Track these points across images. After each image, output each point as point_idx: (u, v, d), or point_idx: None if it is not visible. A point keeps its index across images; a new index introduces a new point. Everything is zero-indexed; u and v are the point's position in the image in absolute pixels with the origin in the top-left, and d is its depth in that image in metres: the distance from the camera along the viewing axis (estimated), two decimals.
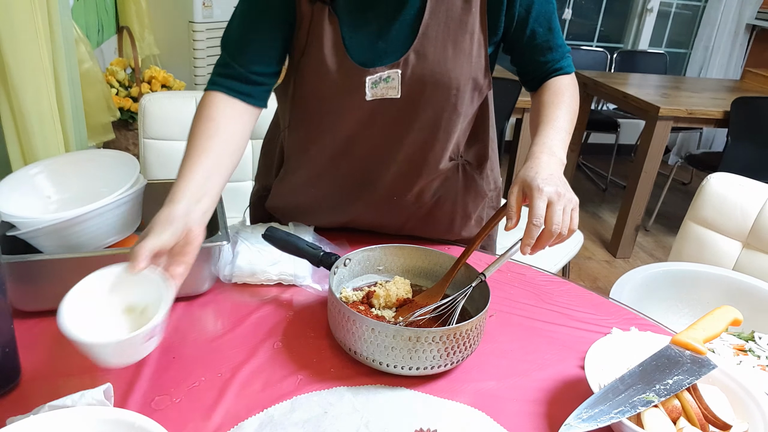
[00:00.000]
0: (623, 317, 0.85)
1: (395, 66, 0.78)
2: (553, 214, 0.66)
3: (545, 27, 0.84)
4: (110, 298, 0.61)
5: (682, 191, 3.65)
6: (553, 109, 0.82)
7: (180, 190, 0.68)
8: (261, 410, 0.62)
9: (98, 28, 2.24)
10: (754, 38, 3.90)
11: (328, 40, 0.78)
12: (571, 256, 1.76)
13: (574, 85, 0.88)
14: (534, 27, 0.83)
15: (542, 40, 0.85)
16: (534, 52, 0.86)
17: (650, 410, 0.60)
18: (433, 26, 0.78)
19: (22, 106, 1.08)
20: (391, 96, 0.80)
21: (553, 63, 0.87)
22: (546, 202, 0.67)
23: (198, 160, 0.71)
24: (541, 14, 0.83)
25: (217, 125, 0.75)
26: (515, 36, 0.84)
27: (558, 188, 0.68)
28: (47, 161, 0.87)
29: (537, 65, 0.87)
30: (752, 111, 2.49)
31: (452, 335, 0.65)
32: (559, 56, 0.87)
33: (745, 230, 1.26)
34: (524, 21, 0.83)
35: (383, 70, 0.78)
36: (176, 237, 0.63)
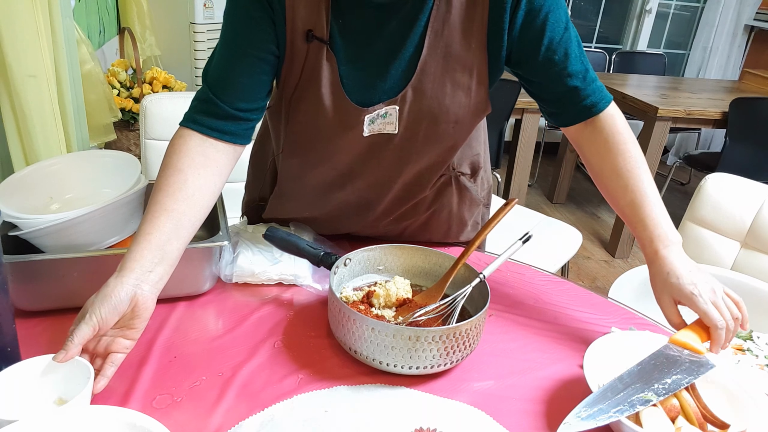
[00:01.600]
0: (622, 317, 0.85)
1: (393, 102, 0.77)
2: (724, 312, 0.69)
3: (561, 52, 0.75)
4: (42, 388, 0.59)
5: (681, 191, 3.66)
6: (636, 178, 0.76)
7: (132, 258, 0.63)
8: (262, 409, 0.62)
9: (100, 29, 2.24)
10: (752, 39, 3.90)
11: (325, 80, 0.75)
12: (570, 255, 1.76)
13: (624, 122, 0.79)
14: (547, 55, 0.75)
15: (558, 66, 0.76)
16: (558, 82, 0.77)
17: (649, 409, 0.61)
18: (431, 63, 0.75)
19: (24, 106, 1.08)
20: (388, 131, 0.79)
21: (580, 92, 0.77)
22: (711, 304, 0.69)
23: (157, 222, 0.65)
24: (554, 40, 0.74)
25: (185, 179, 0.68)
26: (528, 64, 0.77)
27: (707, 283, 0.70)
28: (49, 161, 0.87)
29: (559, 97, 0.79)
30: (750, 112, 2.50)
31: (452, 335, 0.65)
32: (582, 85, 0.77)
33: (743, 230, 1.26)
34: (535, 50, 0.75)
35: (381, 107, 0.77)
36: (120, 314, 0.61)
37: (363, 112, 0.77)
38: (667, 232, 0.74)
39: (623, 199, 0.77)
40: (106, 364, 0.62)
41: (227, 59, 0.74)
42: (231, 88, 0.73)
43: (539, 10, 0.73)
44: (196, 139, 0.71)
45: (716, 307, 0.69)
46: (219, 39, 0.75)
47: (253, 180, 1.05)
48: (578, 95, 0.78)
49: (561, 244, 1.79)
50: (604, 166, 0.78)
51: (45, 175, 0.84)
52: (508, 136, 2.84)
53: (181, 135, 0.72)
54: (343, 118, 0.77)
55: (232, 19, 0.74)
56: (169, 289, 0.77)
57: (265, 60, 0.74)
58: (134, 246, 0.64)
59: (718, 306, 0.69)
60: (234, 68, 0.73)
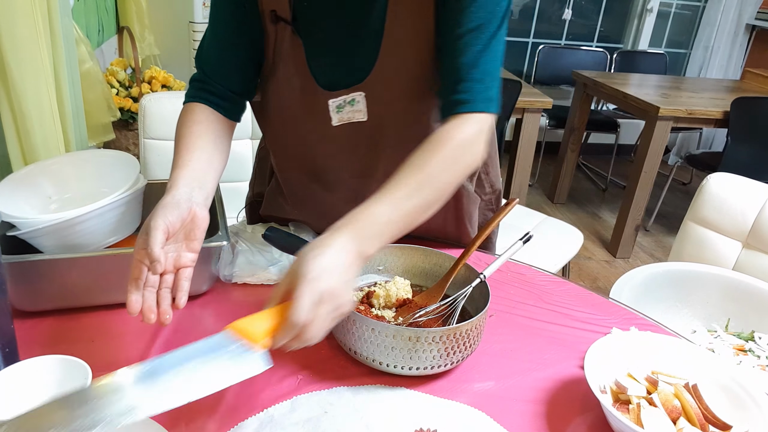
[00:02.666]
0: (623, 317, 0.85)
1: (359, 88, 0.75)
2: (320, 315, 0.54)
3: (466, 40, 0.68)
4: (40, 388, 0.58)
5: (682, 191, 3.66)
6: (407, 174, 0.64)
7: (180, 176, 0.66)
8: (261, 410, 0.62)
9: (98, 28, 2.24)
10: (753, 38, 3.90)
11: (291, 61, 0.76)
12: (571, 256, 1.76)
13: (471, 137, 0.67)
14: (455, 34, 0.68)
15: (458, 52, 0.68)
16: (447, 64, 0.70)
17: (650, 410, 0.61)
18: (393, 45, 0.72)
19: (22, 106, 1.08)
20: (358, 119, 0.78)
21: (459, 84, 0.68)
22: (315, 300, 0.53)
23: (194, 153, 0.70)
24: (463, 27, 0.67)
25: (206, 127, 0.74)
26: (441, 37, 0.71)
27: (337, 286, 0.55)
28: (47, 161, 0.87)
29: (444, 81, 0.71)
30: (752, 111, 2.49)
31: (452, 335, 0.65)
32: (468, 80, 0.68)
33: (745, 230, 1.26)
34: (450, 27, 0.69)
35: (347, 92, 0.76)
36: (182, 219, 0.62)
37: (328, 96, 0.76)
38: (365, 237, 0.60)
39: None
40: (181, 280, 0.62)
41: (214, 43, 0.77)
42: (220, 71, 0.77)
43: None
44: (203, 106, 0.76)
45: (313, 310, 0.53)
46: (208, 21, 0.78)
47: (257, 174, 1.05)
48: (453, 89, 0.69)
49: (562, 244, 1.79)
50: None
51: (43, 175, 0.84)
52: (509, 136, 2.84)
53: (189, 106, 0.77)
54: (310, 103, 0.78)
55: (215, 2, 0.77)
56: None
57: (248, 42, 0.76)
58: (177, 170, 0.67)
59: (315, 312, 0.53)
60: (221, 52, 0.77)
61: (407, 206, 0.63)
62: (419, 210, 0.64)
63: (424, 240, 0.98)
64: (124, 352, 0.69)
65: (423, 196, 0.64)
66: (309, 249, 0.57)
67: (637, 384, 0.65)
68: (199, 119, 0.74)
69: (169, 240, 0.61)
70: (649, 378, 0.66)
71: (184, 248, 0.63)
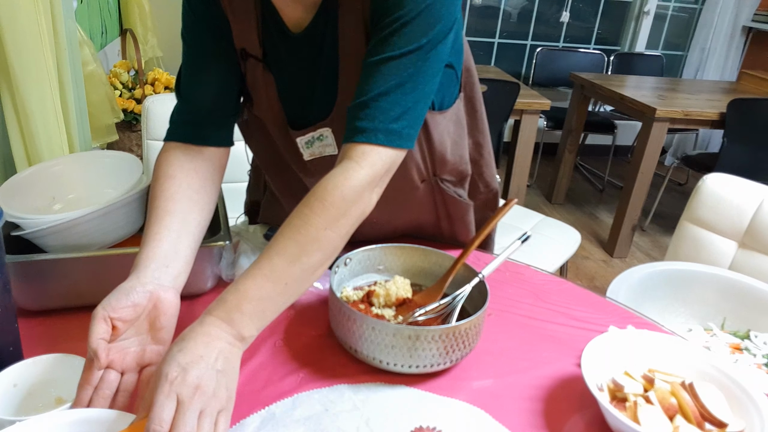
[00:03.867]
0: (620, 316, 0.85)
1: (325, 124, 0.75)
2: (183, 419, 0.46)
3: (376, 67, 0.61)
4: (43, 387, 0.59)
5: (679, 192, 3.67)
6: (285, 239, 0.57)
7: (143, 257, 0.59)
8: (263, 407, 0.62)
9: (102, 30, 2.25)
10: (750, 40, 3.91)
11: (264, 97, 0.77)
12: (569, 255, 1.77)
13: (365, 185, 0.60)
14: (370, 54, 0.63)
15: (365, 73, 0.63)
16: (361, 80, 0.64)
17: (646, 407, 0.61)
18: (348, 75, 0.70)
19: (26, 107, 1.08)
20: (329, 153, 0.78)
21: (364, 113, 0.61)
22: (174, 399, 0.47)
23: (162, 222, 0.62)
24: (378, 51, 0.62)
25: (179, 183, 0.67)
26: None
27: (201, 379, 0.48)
28: (51, 162, 0.87)
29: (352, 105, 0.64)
30: (748, 112, 2.51)
31: (451, 334, 0.66)
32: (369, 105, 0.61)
33: (741, 230, 1.27)
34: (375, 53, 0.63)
35: (313, 129, 0.76)
36: (136, 306, 0.55)
37: (294, 134, 0.77)
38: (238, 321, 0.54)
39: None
40: (142, 382, 0.55)
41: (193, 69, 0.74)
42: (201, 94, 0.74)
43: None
44: (181, 148, 0.71)
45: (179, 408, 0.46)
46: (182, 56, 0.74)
47: (252, 182, 1.06)
48: (351, 117, 0.63)
49: (560, 244, 1.80)
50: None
51: (47, 176, 0.84)
52: (507, 137, 2.85)
53: (165, 149, 0.72)
54: (284, 138, 0.79)
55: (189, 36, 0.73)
56: None
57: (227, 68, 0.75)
58: (145, 248, 0.61)
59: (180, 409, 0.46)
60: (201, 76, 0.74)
61: (288, 275, 0.56)
62: (304, 275, 0.58)
63: (423, 240, 0.99)
64: None
65: (306, 261, 0.57)
66: (174, 344, 0.51)
67: (633, 382, 0.66)
68: (172, 173, 0.67)
69: (127, 332, 0.55)
70: (645, 376, 0.66)
71: (149, 341, 0.56)
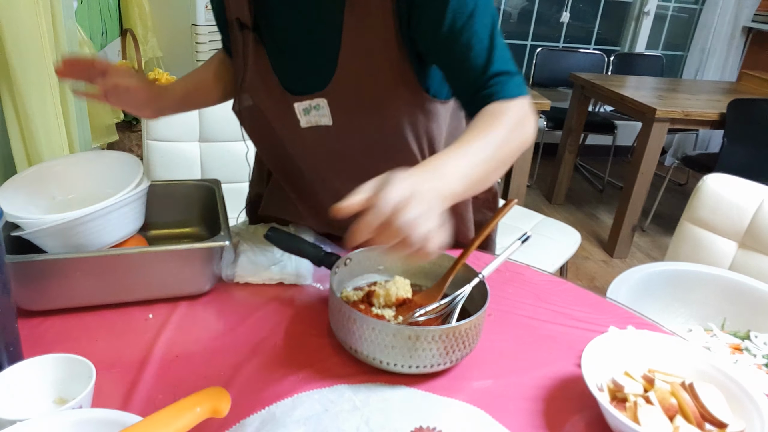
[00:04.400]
0: (620, 316, 0.85)
1: (321, 95, 0.76)
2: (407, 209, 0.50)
3: (464, 44, 0.69)
4: (44, 387, 0.59)
5: (679, 192, 3.67)
6: (473, 134, 0.63)
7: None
8: (263, 408, 0.62)
9: (102, 30, 2.24)
10: (750, 41, 3.91)
11: (258, 67, 0.79)
12: (569, 256, 1.77)
13: (520, 112, 0.68)
14: (449, 42, 0.69)
15: (463, 58, 0.70)
16: (459, 72, 0.71)
17: (646, 407, 0.61)
18: (351, 57, 0.73)
19: (26, 107, 1.08)
20: (324, 123, 0.79)
21: (484, 84, 0.70)
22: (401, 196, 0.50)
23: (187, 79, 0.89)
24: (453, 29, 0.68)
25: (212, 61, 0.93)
26: (432, 52, 0.72)
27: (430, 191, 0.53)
28: (51, 162, 0.87)
29: (464, 88, 0.72)
30: (748, 113, 2.51)
31: (451, 334, 0.66)
32: (489, 78, 0.70)
33: (741, 230, 1.27)
34: (433, 36, 0.70)
35: (311, 98, 0.77)
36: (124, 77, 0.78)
37: (293, 100, 0.78)
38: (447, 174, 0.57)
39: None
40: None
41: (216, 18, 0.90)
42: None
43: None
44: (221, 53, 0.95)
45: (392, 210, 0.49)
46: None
47: (256, 174, 1.07)
48: (479, 88, 0.70)
49: (560, 244, 1.80)
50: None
51: (47, 176, 0.84)
52: None
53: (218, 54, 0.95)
54: (279, 106, 0.80)
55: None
56: (170, 289, 0.78)
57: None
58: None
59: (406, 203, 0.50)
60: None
61: (481, 157, 0.61)
62: (490, 167, 0.62)
63: None
64: (128, 351, 0.69)
65: (493, 155, 0.62)
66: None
67: (633, 382, 0.66)
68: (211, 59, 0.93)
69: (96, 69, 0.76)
70: (645, 376, 0.66)
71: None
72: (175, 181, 0.95)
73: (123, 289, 0.76)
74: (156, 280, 0.76)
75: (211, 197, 0.91)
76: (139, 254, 0.76)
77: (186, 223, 0.94)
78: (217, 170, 1.48)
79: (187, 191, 0.94)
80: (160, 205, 0.91)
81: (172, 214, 0.93)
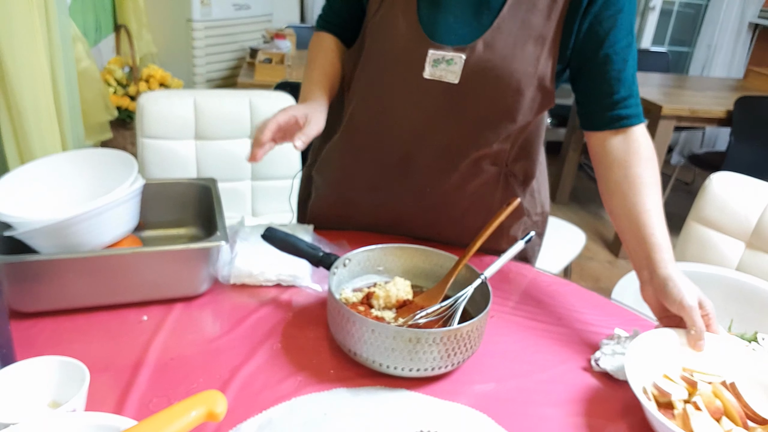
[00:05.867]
0: (626, 318, 0.84)
1: (461, 50, 0.78)
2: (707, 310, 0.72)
3: (621, 58, 0.78)
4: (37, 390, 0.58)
5: (685, 191, 3.64)
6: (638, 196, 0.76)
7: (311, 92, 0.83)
8: (260, 412, 0.61)
9: (96, 26, 2.24)
10: (757, 37, 3.88)
11: (402, 4, 0.80)
12: (573, 256, 1.75)
13: (648, 148, 0.80)
14: (608, 52, 0.78)
15: (614, 69, 0.78)
16: (603, 81, 0.80)
17: (697, 414, 0.60)
18: (509, 22, 0.77)
19: (19, 104, 1.07)
20: (449, 80, 0.79)
21: (622, 102, 0.80)
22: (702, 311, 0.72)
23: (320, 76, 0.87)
24: (619, 43, 0.78)
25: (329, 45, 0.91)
26: (586, 55, 0.80)
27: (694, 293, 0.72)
28: (44, 160, 0.86)
29: (602, 97, 0.81)
30: (755, 110, 2.48)
31: (453, 336, 0.64)
32: (627, 95, 0.79)
33: (749, 230, 1.25)
34: (599, 43, 0.78)
35: (449, 50, 0.78)
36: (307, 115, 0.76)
37: (429, 45, 0.79)
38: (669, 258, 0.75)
39: (624, 218, 0.78)
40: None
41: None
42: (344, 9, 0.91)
43: (614, 5, 0.77)
44: (330, 36, 0.93)
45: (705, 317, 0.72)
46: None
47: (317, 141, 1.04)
48: (618, 103, 0.79)
49: (564, 244, 1.78)
50: (609, 180, 0.80)
51: (40, 175, 0.83)
52: None
53: (318, 34, 0.94)
54: (410, 47, 0.80)
55: None
56: (165, 291, 0.77)
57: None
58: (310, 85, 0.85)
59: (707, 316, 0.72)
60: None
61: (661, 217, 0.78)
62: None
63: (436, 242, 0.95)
64: (122, 354, 0.68)
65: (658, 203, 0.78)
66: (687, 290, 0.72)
67: (676, 386, 0.65)
68: (328, 46, 0.91)
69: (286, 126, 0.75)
70: (686, 378, 0.65)
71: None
72: (170, 180, 0.94)
73: (117, 290, 0.75)
74: (151, 281, 0.75)
75: (207, 196, 0.90)
76: (133, 255, 0.75)
77: (181, 223, 0.93)
78: (213, 169, 1.46)
79: (182, 190, 0.93)
80: (155, 205, 0.90)
81: (167, 213, 0.92)
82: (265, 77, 2.36)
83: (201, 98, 1.45)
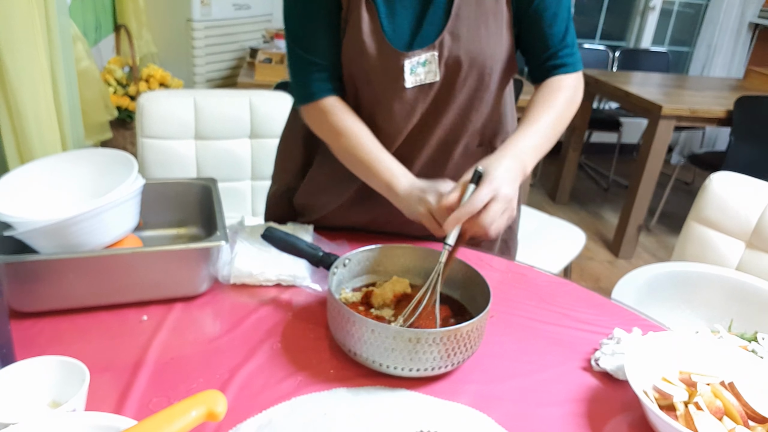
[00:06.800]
0: (625, 318, 0.84)
1: (431, 48, 0.80)
2: (491, 211, 0.69)
3: (552, 12, 0.83)
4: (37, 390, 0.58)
5: (685, 191, 3.64)
6: (540, 111, 0.81)
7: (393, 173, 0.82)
8: (260, 411, 0.61)
9: (96, 26, 2.23)
10: (757, 37, 3.88)
11: (366, 26, 0.81)
12: (573, 256, 1.75)
13: (575, 86, 0.86)
14: (537, 8, 0.82)
15: (547, 24, 0.83)
16: (538, 37, 0.84)
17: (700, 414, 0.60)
18: (465, 8, 0.80)
19: (19, 104, 1.07)
20: (429, 80, 0.82)
21: (556, 54, 0.85)
22: (491, 196, 0.69)
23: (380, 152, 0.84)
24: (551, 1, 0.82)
25: (358, 118, 0.86)
26: (523, 15, 0.84)
27: (510, 192, 0.70)
28: (44, 160, 0.86)
29: (539, 53, 0.86)
30: (755, 110, 2.48)
31: (453, 336, 0.64)
32: (562, 48, 0.85)
33: (749, 230, 1.25)
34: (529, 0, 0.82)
35: (420, 53, 0.80)
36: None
37: (403, 57, 0.81)
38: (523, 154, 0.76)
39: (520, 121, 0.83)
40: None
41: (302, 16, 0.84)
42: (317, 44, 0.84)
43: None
44: (339, 102, 0.87)
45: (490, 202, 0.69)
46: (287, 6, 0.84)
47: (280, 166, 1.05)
48: (551, 57, 0.85)
49: (564, 244, 1.78)
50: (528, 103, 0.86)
51: (40, 174, 0.83)
52: None
53: (327, 102, 0.86)
54: (385, 65, 0.82)
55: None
56: (165, 290, 0.77)
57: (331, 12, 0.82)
58: (383, 165, 0.82)
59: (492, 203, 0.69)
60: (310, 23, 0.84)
61: (550, 124, 0.81)
62: (551, 141, 0.81)
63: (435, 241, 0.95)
64: (122, 353, 0.68)
65: (555, 131, 0.82)
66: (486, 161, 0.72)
67: (676, 388, 0.65)
68: (350, 116, 0.86)
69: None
70: (685, 380, 0.65)
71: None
72: (170, 180, 0.94)
73: (117, 290, 0.75)
74: (151, 280, 0.75)
75: (207, 196, 0.90)
76: (133, 255, 0.75)
77: (181, 223, 0.93)
78: (213, 169, 1.46)
79: (182, 190, 0.93)
80: (155, 205, 0.89)
81: (167, 213, 0.92)
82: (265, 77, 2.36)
83: (201, 98, 1.45)
